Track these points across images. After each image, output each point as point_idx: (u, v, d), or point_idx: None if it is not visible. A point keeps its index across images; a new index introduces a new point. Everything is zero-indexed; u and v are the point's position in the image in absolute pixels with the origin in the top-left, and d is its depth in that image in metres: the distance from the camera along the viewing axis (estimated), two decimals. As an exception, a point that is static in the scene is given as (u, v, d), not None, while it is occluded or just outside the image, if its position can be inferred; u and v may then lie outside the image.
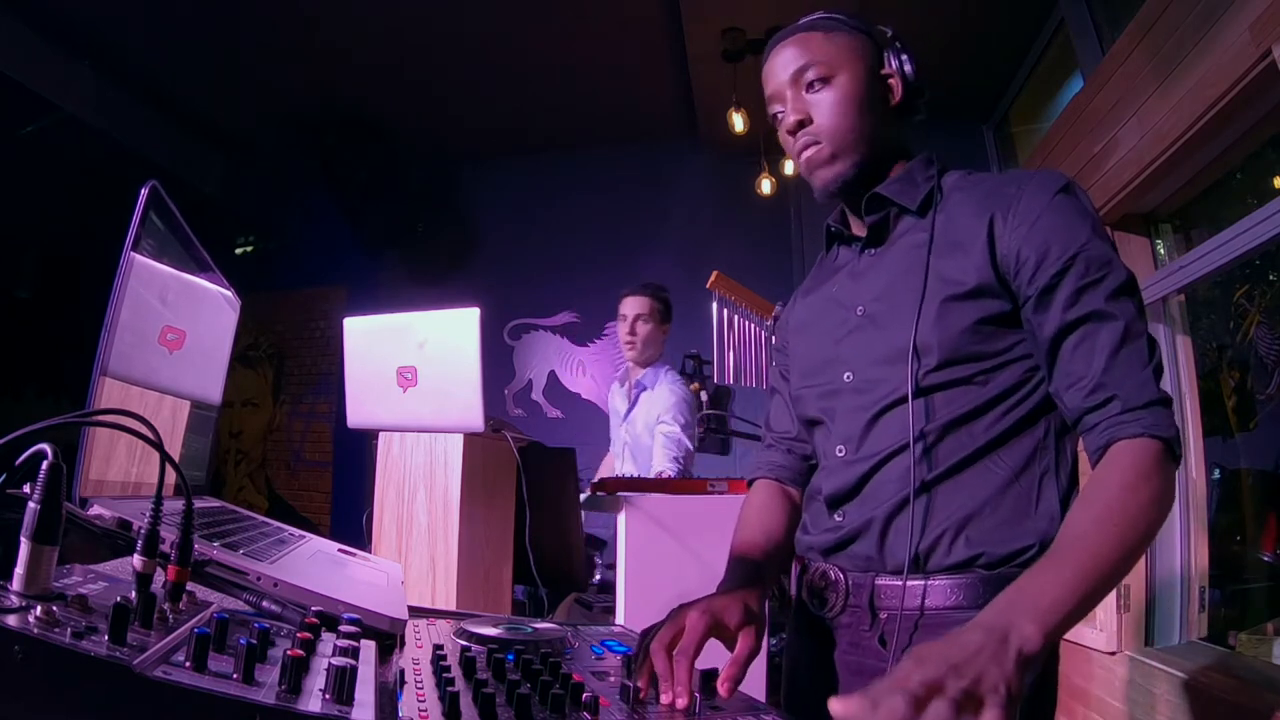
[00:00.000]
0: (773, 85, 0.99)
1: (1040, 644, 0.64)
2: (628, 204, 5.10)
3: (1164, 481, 0.77)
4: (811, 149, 0.97)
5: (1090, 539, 0.73)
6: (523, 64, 4.37)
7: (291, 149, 5.18)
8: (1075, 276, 0.84)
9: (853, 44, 0.97)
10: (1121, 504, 0.75)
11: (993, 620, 0.65)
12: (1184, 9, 2.24)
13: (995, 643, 0.62)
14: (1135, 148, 2.53)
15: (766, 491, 1.11)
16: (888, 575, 0.90)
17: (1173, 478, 0.78)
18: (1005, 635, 0.63)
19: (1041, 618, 0.66)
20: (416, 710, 0.57)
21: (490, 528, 1.55)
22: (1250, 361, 2.57)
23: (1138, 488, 0.75)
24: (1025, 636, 0.64)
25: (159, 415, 1.13)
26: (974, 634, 0.63)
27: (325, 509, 5.54)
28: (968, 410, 0.89)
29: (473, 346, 1.42)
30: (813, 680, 0.98)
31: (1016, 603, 0.68)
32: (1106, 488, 0.77)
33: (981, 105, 4.42)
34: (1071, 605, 0.68)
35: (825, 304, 1.04)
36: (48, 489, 0.50)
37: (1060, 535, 0.76)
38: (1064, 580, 0.69)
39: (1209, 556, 2.53)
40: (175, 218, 1.08)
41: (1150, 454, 0.77)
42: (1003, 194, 0.90)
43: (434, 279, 5.17)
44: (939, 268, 0.90)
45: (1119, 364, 0.81)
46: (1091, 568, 0.71)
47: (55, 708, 0.42)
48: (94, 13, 3.88)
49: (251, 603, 0.76)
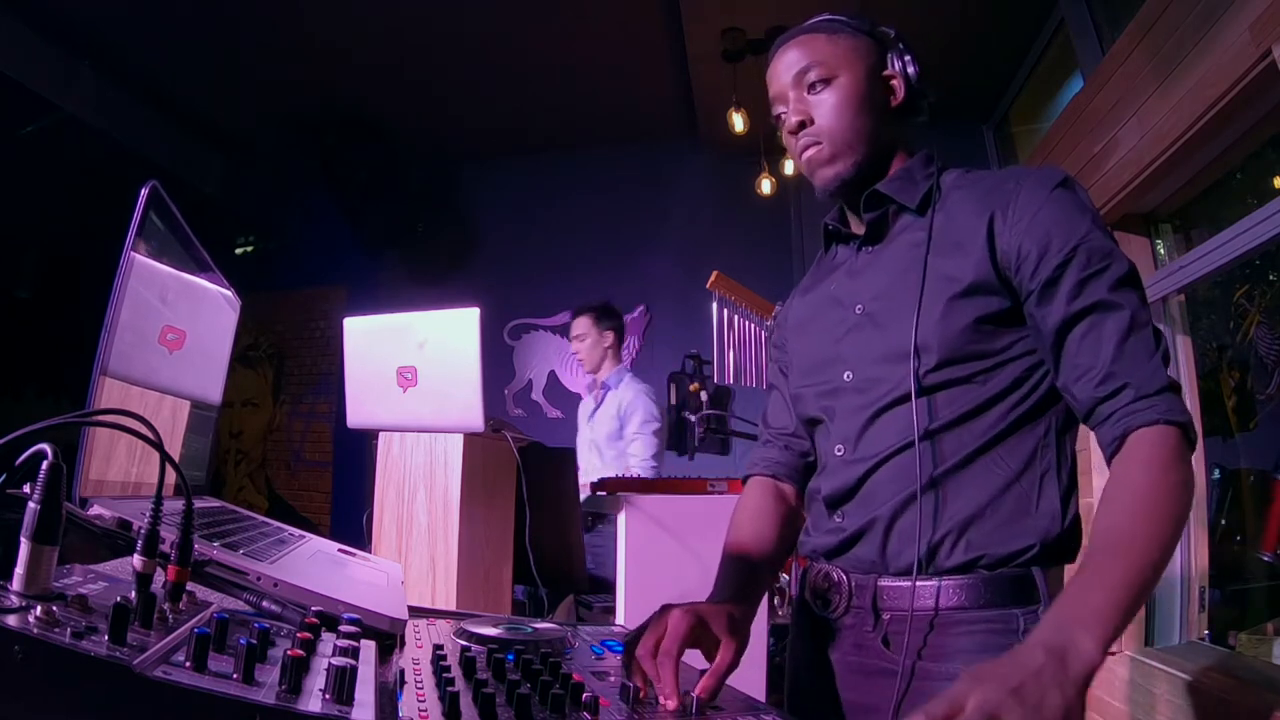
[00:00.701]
0: (776, 86, 1.00)
1: (1100, 659, 0.64)
2: (628, 204, 5.10)
3: (1187, 468, 0.77)
4: (812, 149, 0.97)
5: (1131, 540, 0.73)
6: (523, 64, 4.37)
7: (291, 149, 5.18)
8: (1078, 268, 0.84)
9: (855, 45, 0.97)
10: (1154, 499, 0.74)
11: (1050, 638, 0.64)
12: (1184, 9, 2.24)
13: (1055, 663, 0.61)
14: (1135, 148, 2.53)
15: (760, 492, 1.10)
16: (890, 577, 0.90)
17: (1192, 464, 0.78)
18: (1064, 655, 0.62)
19: (1097, 631, 0.65)
20: (416, 710, 0.57)
21: (490, 528, 1.55)
22: (1250, 361, 2.57)
23: (1164, 478, 0.76)
24: (1084, 653, 0.63)
25: (159, 415, 1.13)
26: (1033, 654, 0.62)
27: (325, 509, 5.54)
28: (968, 410, 0.89)
29: (473, 346, 1.42)
30: (815, 681, 0.98)
31: (1071, 617, 0.67)
32: (1135, 482, 0.76)
33: (981, 105, 4.42)
34: (1123, 611, 0.68)
35: (824, 302, 1.04)
36: (48, 489, 0.50)
37: (1099, 536, 0.75)
38: (1113, 586, 0.69)
39: (1209, 556, 2.53)
40: (175, 218, 1.08)
41: (1170, 442, 0.77)
42: (1002, 191, 0.90)
43: (434, 279, 5.17)
44: (938, 266, 0.90)
45: (1128, 353, 0.81)
46: (1137, 570, 0.71)
47: (55, 708, 0.41)
48: (94, 13, 3.88)
49: (251, 603, 0.76)
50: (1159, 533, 0.73)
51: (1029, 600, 0.85)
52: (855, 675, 0.93)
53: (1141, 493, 0.75)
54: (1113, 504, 0.76)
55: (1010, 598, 0.85)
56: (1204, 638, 2.48)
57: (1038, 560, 0.86)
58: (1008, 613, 0.85)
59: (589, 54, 4.31)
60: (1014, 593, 0.86)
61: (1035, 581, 0.86)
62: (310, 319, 5.80)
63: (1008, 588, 0.86)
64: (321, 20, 3.99)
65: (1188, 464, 0.78)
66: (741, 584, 0.95)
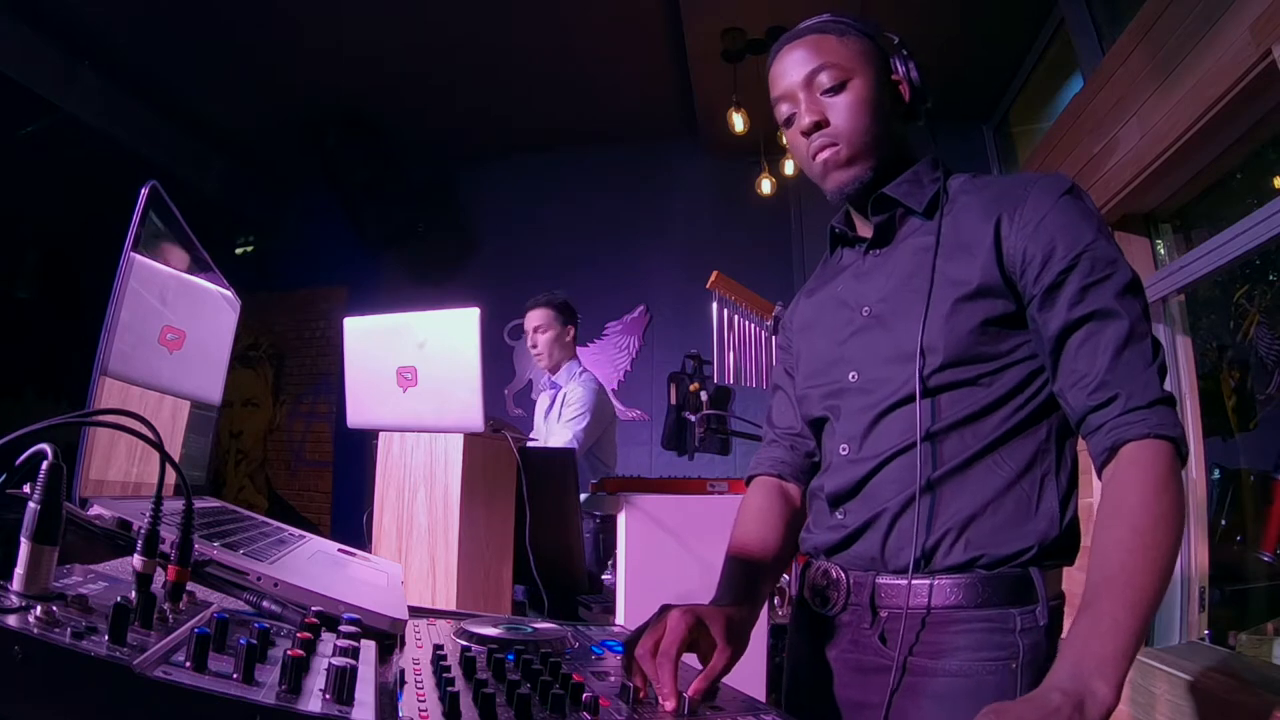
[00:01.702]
0: (783, 85, 0.98)
1: (1114, 701, 0.66)
2: (628, 204, 5.10)
3: (1179, 488, 0.78)
4: (829, 151, 0.96)
5: (1130, 573, 0.74)
6: (523, 64, 4.37)
7: (291, 149, 5.18)
8: (1081, 274, 0.84)
9: (865, 48, 0.97)
10: (1150, 526, 0.75)
11: (1067, 685, 0.67)
12: (1184, 9, 2.24)
13: (1072, 707, 0.64)
14: (1135, 148, 2.53)
15: (764, 492, 1.10)
16: (889, 574, 0.90)
17: (1183, 481, 0.79)
18: (1081, 701, 0.65)
19: (1112, 677, 0.68)
20: (416, 710, 0.57)
21: (490, 528, 1.55)
22: (1250, 361, 2.57)
23: (1158, 503, 0.76)
24: (1101, 699, 0.66)
25: (159, 415, 1.13)
26: (1051, 696, 0.65)
27: (325, 509, 5.54)
28: (972, 411, 0.89)
29: (473, 346, 1.42)
30: (813, 678, 0.98)
31: (1085, 664, 0.69)
32: (1129, 509, 0.77)
33: (981, 105, 4.42)
34: (1132, 648, 0.70)
35: (830, 304, 1.04)
36: (48, 489, 0.50)
37: (1098, 571, 0.76)
38: (1118, 626, 0.71)
39: (1209, 556, 2.53)
40: (175, 218, 1.08)
41: (1161, 459, 0.78)
42: (1009, 196, 0.91)
43: (434, 279, 5.17)
44: (945, 269, 0.91)
45: (1123, 363, 0.81)
46: (1141, 603, 0.72)
47: (55, 708, 0.41)
48: (94, 13, 3.88)
49: (251, 603, 0.75)
50: (1159, 562, 0.74)
51: (1027, 600, 0.86)
52: (853, 672, 0.93)
53: (1139, 522, 0.76)
54: (1110, 534, 0.77)
55: (1008, 597, 0.86)
56: (1204, 638, 2.48)
57: (1036, 561, 0.86)
58: (1005, 612, 0.85)
59: (589, 54, 4.31)
60: (1012, 592, 0.86)
61: (1033, 582, 0.86)
62: (310, 319, 5.80)
63: (1006, 587, 0.86)
64: (321, 20, 3.99)
65: (1179, 483, 0.78)
66: (744, 586, 0.95)
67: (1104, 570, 0.75)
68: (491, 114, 4.89)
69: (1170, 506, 0.76)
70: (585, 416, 2.84)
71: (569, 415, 2.87)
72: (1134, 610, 0.72)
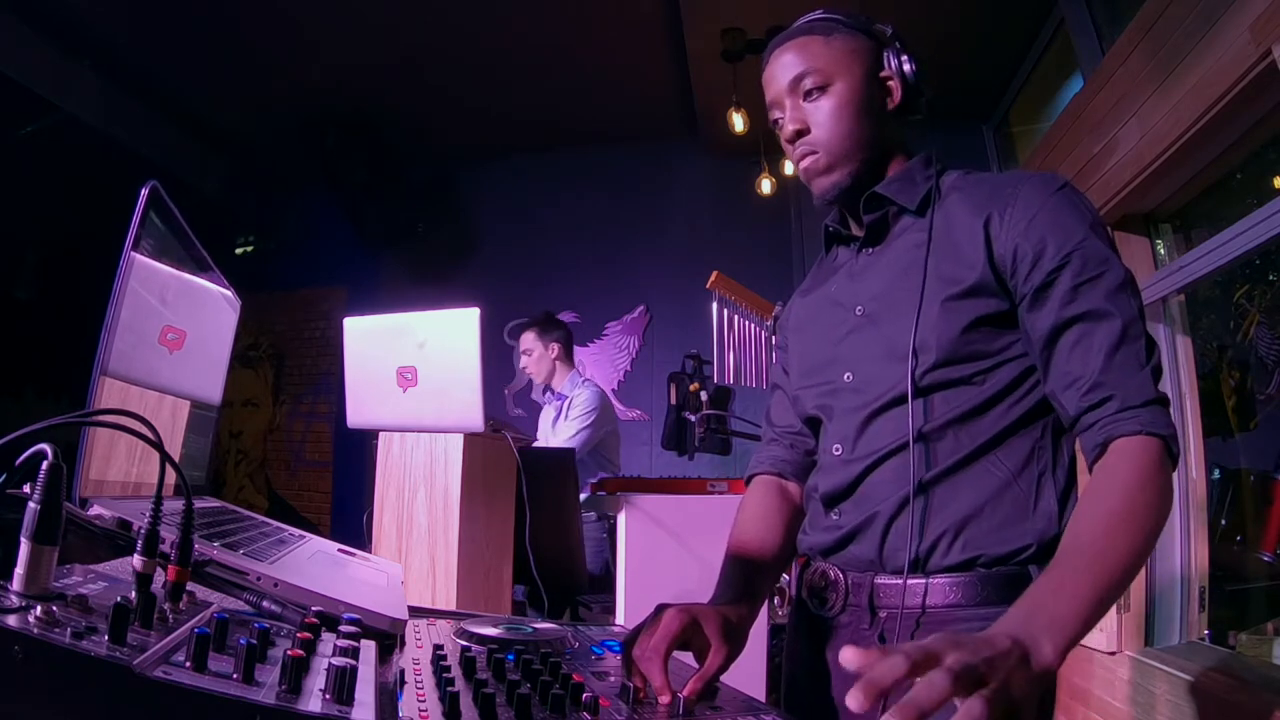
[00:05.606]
0: (772, 91, 0.99)
1: (1056, 664, 0.65)
2: (628, 204, 5.10)
3: (1165, 483, 0.77)
4: (809, 159, 0.97)
5: (1100, 549, 0.73)
6: (523, 64, 4.37)
7: (291, 149, 5.18)
8: (1072, 273, 0.84)
9: (851, 47, 0.96)
10: (1128, 511, 0.74)
11: (1017, 632, 0.65)
12: (1184, 9, 2.24)
13: (1019, 654, 0.63)
14: (1135, 148, 2.53)
15: (764, 492, 1.10)
16: (887, 575, 0.90)
17: (1171, 478, 0.78)
18: (1026, 652, 0.64)
19: (1059, 640, 0.66)
20: (416, 710, 0.57)
21: (490, 528, 1.55)
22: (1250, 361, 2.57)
23: (1141, 492, 0.75)
24: (1044, 657, 0.64)
25: (159, 415, 1.13)
26: (1002, 640, 0.63)
27: (325, 509, 5.54)
28: (966, 410, 0.89)
29: (473, 346, 1.42)
30: (812, 679, 0.98)
31: (1038, 620, 0.68)
32: (1110, 492, 0.76)
33: (981, 105, 4.42)
34: (1084, 620, 0.69)
35: (824, 304, 1.04)
36: (48, 489, 0.50)
37: (1069, 541, 0.76)
38: (1078, 594, 0.70)
39: (1209, 556, 2.53)
40: (175, 218, 1.08)
41: (1150, 454, 0.77)
42: (1000, 193, 0.90)
43: (434, 279, 5.16)
44: (937, 267, 0.90)
45: (1117, 364, 0.81)
46: (1103, 579, 0.71)
47: (55, 708, 0.41)
48: (94, 13, 3.88)
49: (251, 603, 0.75)
50: (1129, 548, 0.73)
51: None
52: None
53: (1118, 505, 0.75)
54: (1087, 514, 0.76)
55: (1007, 596, 0.85)
56: (1204, 638, 2.49)
57: (1035, 559, 0.86)
58: (1005, 611, 0.85)
59: (589, 54, 4.31)
60: (1011, 591, 0.85)
61: (1032, 580, 0.86)
62: (310, 319, 5.80)
63: (1005, 586, 0.86)
64: (321, 20, 3.99)
65: (1167, 477, 0.78)
66: (742, 586, 0.95)
67: (1075, 541, 0.75)
68: (491, 114, 4.88)
69: (1152, 499, 0.75)
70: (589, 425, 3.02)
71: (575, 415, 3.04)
72: (1095, 586, 0.71)
